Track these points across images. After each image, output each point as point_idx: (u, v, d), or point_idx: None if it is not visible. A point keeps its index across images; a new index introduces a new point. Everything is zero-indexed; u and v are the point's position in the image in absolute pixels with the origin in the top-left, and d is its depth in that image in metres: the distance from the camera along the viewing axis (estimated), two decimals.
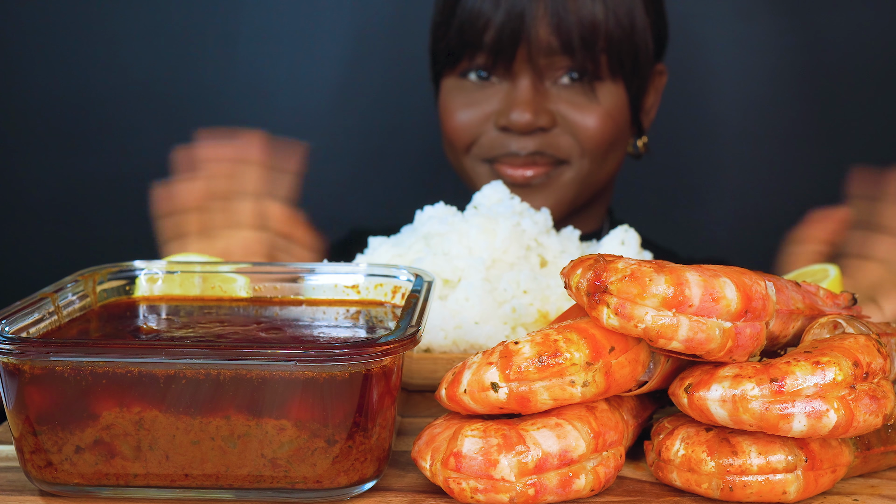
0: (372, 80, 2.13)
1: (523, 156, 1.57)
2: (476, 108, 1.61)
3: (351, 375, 0.77)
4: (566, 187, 1.60)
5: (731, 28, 2.11)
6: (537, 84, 1.55)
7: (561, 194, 1.60)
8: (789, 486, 0.78)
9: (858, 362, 0.77)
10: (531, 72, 1.54)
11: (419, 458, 0.81)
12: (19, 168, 2.13)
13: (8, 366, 0.78)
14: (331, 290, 1.03)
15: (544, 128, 1.56)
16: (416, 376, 1.08)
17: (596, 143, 1.57)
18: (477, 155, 1.62)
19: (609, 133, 1.58)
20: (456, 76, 1.62)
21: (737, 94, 2.14)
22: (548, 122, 1.55)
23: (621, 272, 0.78)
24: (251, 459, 0.78)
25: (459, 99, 1.62)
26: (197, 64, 2.11)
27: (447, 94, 1.64)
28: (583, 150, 1.57)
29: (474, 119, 1.61)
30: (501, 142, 1.58)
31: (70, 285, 0.95)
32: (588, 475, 0.79)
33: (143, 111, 2.11)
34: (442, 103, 1.66)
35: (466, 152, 1.62)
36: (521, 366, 0.78)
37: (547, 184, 1.59)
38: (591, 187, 1.62)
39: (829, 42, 2.10)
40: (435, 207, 1.23)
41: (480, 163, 1.62)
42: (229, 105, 2.12)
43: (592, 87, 1.55)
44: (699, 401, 0.78)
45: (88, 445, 0.78)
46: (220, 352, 0.77)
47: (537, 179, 1.58)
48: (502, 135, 1.58)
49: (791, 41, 2.11)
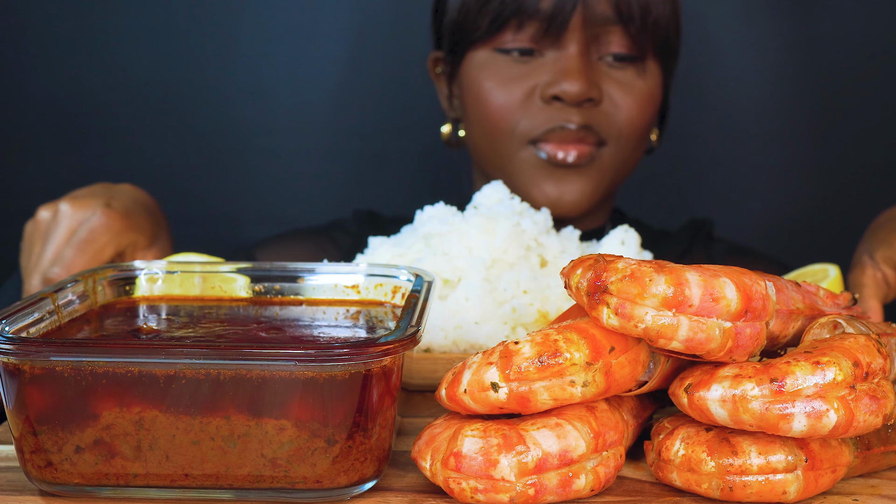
0: (372, 80, 2.13)
1: (573, 129, 1.47)
2: (519, 83, 1.50)
3: (351, 375, 0.77)
4: (605, 171, 1.53)
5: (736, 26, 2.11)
6: (587, 53, 1.48)
7: (600, 178, 1.52)
8: (789, 486, 0.78)
9: (858, 362, 0.77)
10: (583, 40, 1.47)
11: (419, 458, 0.81)
12: (19, 168, 2.13)
13: (8, 366, 0.78)
14: (331, 290, 1.03)
15: (594, 99, 1.48)
16: (416, 376, 1.08)
17: (635, 125, 1.51)
18: (521, 136, 1.50)
19: (648, 117, 1.53)
20: (489, 49, 1.52)
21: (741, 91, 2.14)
22: (598, 95, 1.48)
23: (621, 272, 0.78)
24: (251, 459, 0.78)
25: (498, 75, 1.51)
26: (197, 64, 2.11)
27: (480, 70, 1.53)
28: (620, 131, 1.51)
29: (518, 96, 1.50)
30: (549, 115, 1.48)
31: (70, 285, 0.95)
32: (588, 475, 0.79)
33: (143, 111, 2.11)
34: (474, 82, 1.54)
35: (509, 136, 1.51)
36: (521, 366, 0.78)
37: (589, 166, 1.51)
38: (622, 174, 1.57)
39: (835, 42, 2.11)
40: (435, 207, 1.23)
41: (523, 147, 1.51)
42: (229, 105, 2.12)
43: (642, 67, 1.51)
44: (699, 401, 0.78)
45: (88, 445, 0.78)
46: (220, 352, 0.77)
47: (584, 160, 1.49)
48: (549, 108, 1.48)
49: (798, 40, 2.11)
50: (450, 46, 1.58)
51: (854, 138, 2.14)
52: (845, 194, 2.17)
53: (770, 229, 2.18)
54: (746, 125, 2.16)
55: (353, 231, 1.72)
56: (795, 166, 2.17)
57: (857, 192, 2.17)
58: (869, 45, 2.10)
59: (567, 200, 1.52)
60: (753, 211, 2.19)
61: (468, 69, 1.55)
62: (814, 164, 2.17)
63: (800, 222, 2.19)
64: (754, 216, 2.19)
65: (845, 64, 2.11)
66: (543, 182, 1.52)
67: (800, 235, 2.17)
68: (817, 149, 2.16)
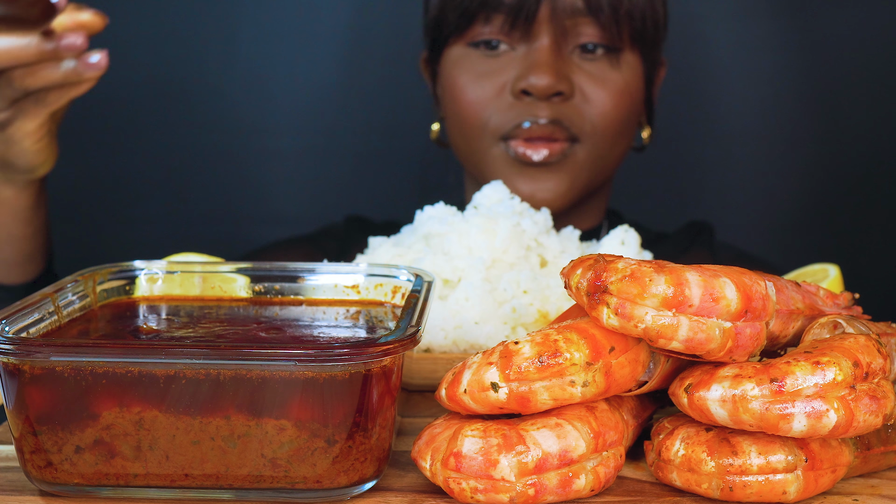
0: (371, 80, 2.13)
1: (541, 125, 1.45)
2: (490, 79, 1.49)
3: (351, 375, 0.77)
4: (580, 169, 1.50)
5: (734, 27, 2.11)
6: (557, 47, 1.46)
7: (574, 175, 1.50)
8: (789, 486, 0.78)
9: (858, 362, 0.77)
10: (552, 33, 1.45)
11: (419, 458, 0.81)
12: None
13: (8, 366, 0.78)
14: (331, 290, 1.03)
15: (564, 93, 1.45)
16: (416, 376, 1.08)
17: (609, 119, 1.48)
18: (492, 133, 1.49)
19: (624, 111, 1.49)
20: (463, 45, 1.51)
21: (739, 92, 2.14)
22: (567, 88, 1.45)
23: (621, 272, 0.78)
24: (251, 459, 0.78)
25: (471, 71, 1.50)
26: (197, 64, 2.11)
27: (454, 66, 1.52)
28: (594, 127, 1.48)
29: (489, 92, 1.49)
30: (519, 110, 1.46)
31: (70, 285, 0.95)
32: (588, 475, 0.79)
33: (143, 111, 2.12)
34: (449, 78, 1.53)
35: (481, 132, 1.50)
36: (521, 366, 0.78)
37: (562, 163, 1.48)
38: (601, 172, 1.54)
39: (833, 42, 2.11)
40: (435, 207, 1.23)
41: (495, 143, 1.49)
42: (229, 105, 2.12)
43: (616, 59, 1.47)
44: (699, 401, 0.78)
45: (88, 445, 0.78)
46: (220, 352, 0.77)
47: (554, 158, 1.47)
48: (518, 103, 1.47)
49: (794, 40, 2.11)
50: (430, 44, 1.58)
51: (854, 138, 2.14)
52: (845, 194, 2.17)
53: (770, 229, 2.18)
54: (744, 126, 2.16)
55: (341, 236, 1.71)
56: (794, 166, 2.18)
57: (858, 192, 2.17)
58: (868, 46, 2.10)
59: (540, 198, 1.49)
60: (752, 211, 2.19)
61: (445, 65, 1.54)
62: (813, 165, 2.17)
63: (800, 222, 2.19)
64: (753, 216, 2.19)
65: (845, 64, 2.11)
66: (516, 179, 1.49)
67: (800, 235, 2.17)
68: (816, 149, 2.16)
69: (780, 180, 2.18)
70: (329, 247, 1.69)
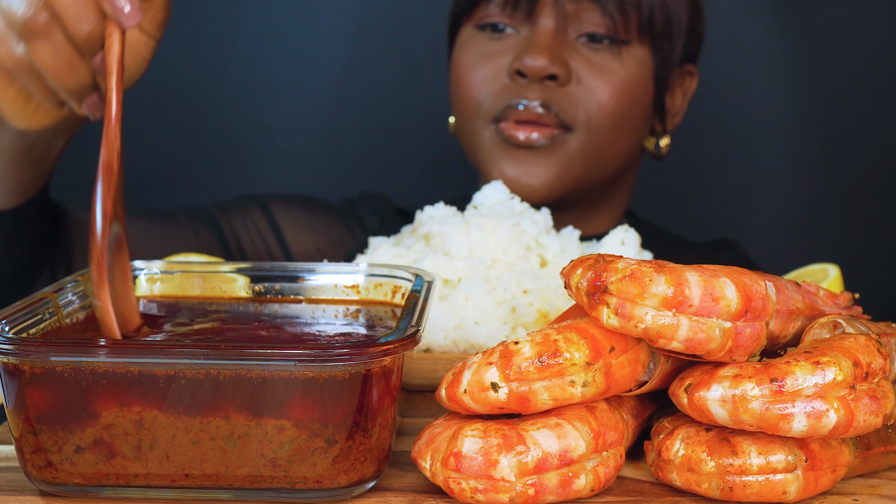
0: (373, 80, 2.13)
1: (531, 108, 1.42)
2: (490, 61, 1.47)
3: (351, 375, 0.77)
4: (572, 159, 1.45)
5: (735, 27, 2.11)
6: (559, 32, 1.44)
7: (565, 165, 1.45)
8: (789, 486, 0.78)
9: (858, 362, 0.77)
10: (554, 16, 1.43)
11: (419, 458, 0.81)
12: None
13: (8, 366, 0.78)
14: (331, 291, 1.03)
15: (557, 77, 1.42)
16: (416, 376, 1.08)
17: (606, 111, 1.44)
18: (486, 115, 1.47)
19: (624, 105, 1.46)
20: (472, 27, 1.50)
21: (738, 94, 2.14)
22: (562, 73, 1.42)
23: (621, 272, 0.78)
24: (251, 459, 0.78)
25: (474, 52, 1.49)
26: (197, 63, 2.11)
27: (460, 47, 1.51)
28: (589, 117, 1.44)
29: (487, 73, 1.47)
30: (510, 92, 1.44)
31: (70, 285, 0.95)
32: (588, 475, 0.79)
33: (143, 111, 2.11)
34: (455, 59, 1.52)
35: (476, 114, 1.48)
36: (521, 366, 0.78)
37: (551, 149, 1.44)
38: (598, 167, 1.49)
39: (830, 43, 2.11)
40: (435, 207, 1.23)
41: (487, 125, 1.47)
42: (229, 104, 2.13)
43: (624, 49, 1.45)
44: (699, 401, 0.78)
45: (88, 445, 0.78)
46: (220, 352, 0.77)
47: (541, 141, 1.43)
48: (512, 85, 1.44)
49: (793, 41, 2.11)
50: (449, 27, 1.57)
51: (853, 139, 2.15)
52: (845, 194, 2.17)
53: (770, 229, 2.18)
54: (744, 126, 2.16)
55: (381, 213, 1.68)
56: (794, 167, 2.18)
57: (858, 192, 2.17)
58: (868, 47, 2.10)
59: (524, 183, 1.46)
60: (752, 211, 2.19)
61: (455, 48, 1.54)
62: (813, 165, 2.17)
63: (800, 222, 2.19)
64: (753, 216, 2.19)
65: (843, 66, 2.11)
66: (502, 162, 1.47)
67: (800, 235, 2.17)
68: (816, 149, 2.17)
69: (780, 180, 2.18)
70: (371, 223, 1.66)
